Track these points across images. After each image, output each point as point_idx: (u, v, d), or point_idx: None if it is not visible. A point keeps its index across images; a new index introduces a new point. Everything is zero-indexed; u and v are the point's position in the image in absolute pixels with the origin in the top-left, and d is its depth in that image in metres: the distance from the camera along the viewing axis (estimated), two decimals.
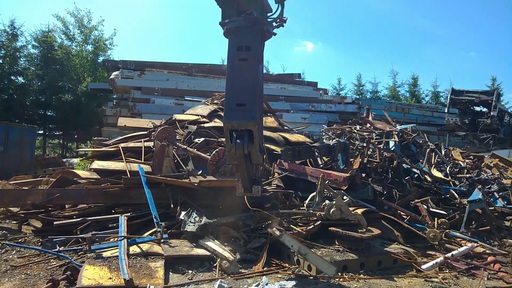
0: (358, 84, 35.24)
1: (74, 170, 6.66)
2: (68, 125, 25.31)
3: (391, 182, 7.42)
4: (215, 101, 9.22)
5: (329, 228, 4.85)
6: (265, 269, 4.17)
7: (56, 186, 5.73)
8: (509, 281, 4.26)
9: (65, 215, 5.24)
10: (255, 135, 3.40)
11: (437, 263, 4.72)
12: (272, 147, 7.04)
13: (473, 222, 6.65)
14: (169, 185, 5.33)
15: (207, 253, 4.18)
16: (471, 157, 9.85)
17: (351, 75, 62.83)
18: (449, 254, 5.00)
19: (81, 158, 12.71)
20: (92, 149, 8.23)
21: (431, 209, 6.90)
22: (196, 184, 4.97)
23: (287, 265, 4.39)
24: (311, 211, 5.14)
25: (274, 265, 4.37)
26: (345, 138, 8.32)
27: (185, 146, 6.42)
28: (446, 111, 19.66)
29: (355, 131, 9.03)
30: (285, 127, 8.83)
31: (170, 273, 3.86)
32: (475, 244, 5.45)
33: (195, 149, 6.40)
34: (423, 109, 22.39)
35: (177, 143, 6.47)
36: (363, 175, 7.11)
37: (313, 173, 5.96)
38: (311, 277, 3.97)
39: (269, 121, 8.40)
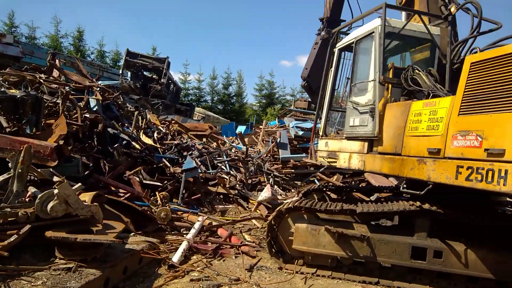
0: (10, 24, 28.36)
1: None
2: None
3: (96, 151, 5.95)
4: None
5: (46, 234, 2.98)
6: None
7: None
8: (254, 254, 4.19)
9: None
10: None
11: (184, 250, 4.01)
12: None
13: (184, 191, 6.44)
14: None
15: None
16: (166, 122, 9.80)
17: None
18: (188, 236, 4.41)
19: None
20: None
21: (144, 181, 6.10)
22: None
23: None
24: (8, 209, 2.99)
25: None
26: (32, 90, 5.88)
27: None
28: (120, 72, 19.23)
29: (41, 81, 6.62)
30: None
31: None
32: (204, 217, 5.17)
33: None
34: (93, 66, 20.82)
35: None
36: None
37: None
38: None
39: None
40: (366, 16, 5.42)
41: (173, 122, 10.82)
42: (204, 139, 11.60)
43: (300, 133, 10.04)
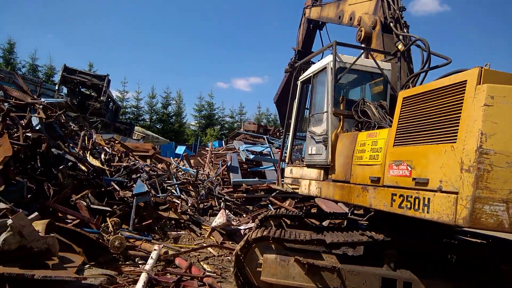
0: None
1: None
2: None
3: (40, 173, 5.49)
4: None
5: None
6: None
7: None
8: (218, 287, 4.09)
9: None
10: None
11: (144, 283, 3.80)
12: None
13: (134, 217, 6.14)
14: None
15: None
16: (110, 142, 9.32)
17: None
18: (147, 267, 4.19)
19: None
20: None
21: (92, 205, 5.73)
22: None
23: None
24: None
25: None
26: None
27: None
28: (56, 88, 17.98)
29: None
30: None
31: None
32: (161, 246, 4.95)
33: None
34: (27, 81, 19.19)
35: None
36: None
37: None
38: None
39: None
40: (320, 53, 5.79)
41: (116, 142, 10.31)
42: (148, 160, 11.19)
43: (251, 156, 10.14)
